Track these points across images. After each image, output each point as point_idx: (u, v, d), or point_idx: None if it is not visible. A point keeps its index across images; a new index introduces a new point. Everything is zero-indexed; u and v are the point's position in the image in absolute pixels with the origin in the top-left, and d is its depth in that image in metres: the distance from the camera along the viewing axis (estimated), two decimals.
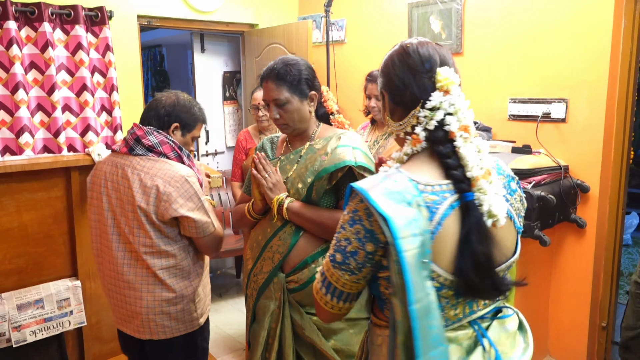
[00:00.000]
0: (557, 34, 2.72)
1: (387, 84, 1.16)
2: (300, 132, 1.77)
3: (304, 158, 1.74)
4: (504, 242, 1.09)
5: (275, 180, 1.71)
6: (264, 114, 2.97)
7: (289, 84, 1.69)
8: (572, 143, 2.70)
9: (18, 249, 2.59)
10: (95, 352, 2.94)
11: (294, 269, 1.70)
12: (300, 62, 1.75)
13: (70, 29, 3.11)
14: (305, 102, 1.72)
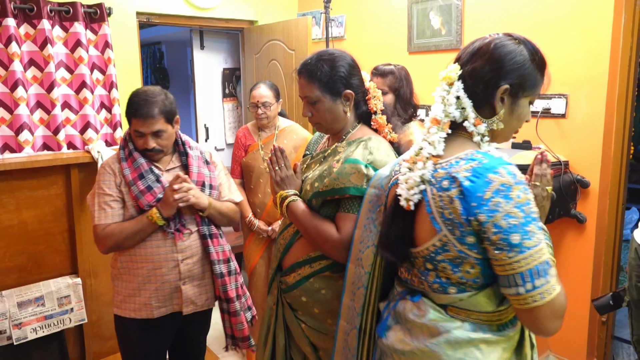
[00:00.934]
0: (557, 29, 2.71)
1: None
2: (334, 132, 1.65)
3: (326, 159, 1.63)
4: (417, 227, 1.18)
5: (285, 175, 1.63)
6: (262, 112, 2.96)
7: (319, 81, 1.56)
8: (572, 138, 2.70)
9: (18, 246, 2.59)
10: (96, 349, 2.94)
11: (286, 270, 1.68)
12: (337, 57, 1.60)
13: (69, 26, 3.10)
14: (339, 102, 1.58)
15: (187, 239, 1.98)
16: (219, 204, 2.05)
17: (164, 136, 1.92)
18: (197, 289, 2.03)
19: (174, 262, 1.96)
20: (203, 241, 2.01)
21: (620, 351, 3.10)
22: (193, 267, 2.00)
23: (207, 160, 2.10)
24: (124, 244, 1.92)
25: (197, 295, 2.03)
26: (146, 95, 1.88)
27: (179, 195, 1.87)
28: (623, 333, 3.26)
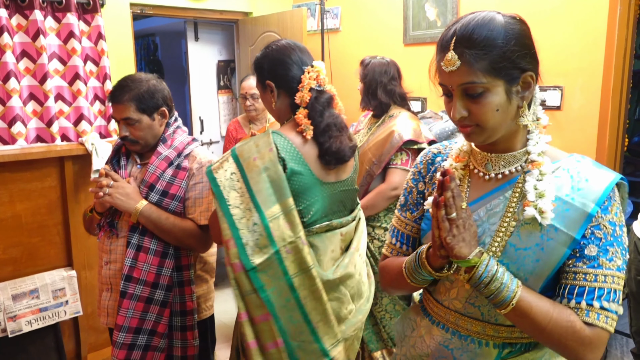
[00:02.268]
0: (553, 21, 2.71)
1: (536, 64, 1.02)
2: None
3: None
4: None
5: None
6: (251, 103, 2.95)
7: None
8: (567, 130, 2.71)
9: (12, 239, 2.58)
10: (91, 341, 2.94)
11: None
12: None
13: (62, 17, 3.07)
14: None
15: (114, 241, 1.83)
16: (160, 218, 1.75)
17: (137, 126, 1.77)
18: (117, 302, 1.79)
19: (101, 261, 1.87)
20: (126, 249, 1.77)
21: (614, 342, 3.12)
22: (115, 274, 1.81)
23: (180, 165, 1.82)
24: (84, 225, 1.98)
25: (115, 309, 1.80)
26: (125, 81, 1.80)
27: (91, 189, 1.76)
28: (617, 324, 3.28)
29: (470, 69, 0.96)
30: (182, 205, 1.82)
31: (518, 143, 1.06)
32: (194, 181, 1.83)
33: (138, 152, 1.90)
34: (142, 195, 1.78)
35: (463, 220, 1.00)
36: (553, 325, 0.95)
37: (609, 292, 0.96)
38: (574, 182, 1.01)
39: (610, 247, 0.97)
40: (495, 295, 0.97)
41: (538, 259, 0.99)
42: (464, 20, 1.00)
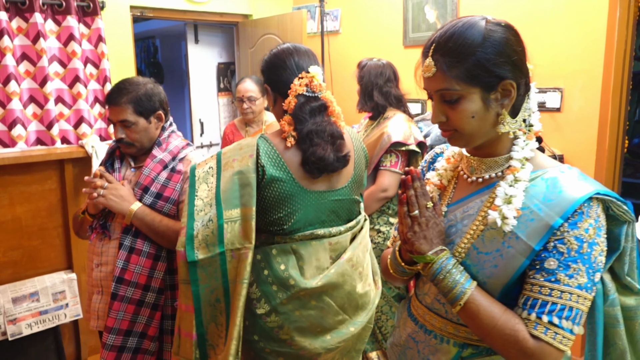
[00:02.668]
0: (552, 22, 2.71)
1: (518, 72, 1.00)
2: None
3: None
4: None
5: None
6: (248, 106, 2.95)
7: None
8: (567, 132, 2.71)
9: (12, 242, 2.58)
10: (91, 344, 2.94)
11: None
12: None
13: (62, 20, 3.07)
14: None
15: (106, 244, 1.82)
16: (154, 220, 1.74)
17: (133, 129, 1.79)
18: (108, 305, 1.78)
19: (92, 264, 1.86)
20: (118, 251, 1.76)
21: None
22: (107, 277, 1.80)
23: (174, 168, 1.83)
24: (73, 227, 1.96)
25: (106, 312, 1.80)
26: (122, 83, 1.81)
27: (85, 189, 1.75)
28: None
29: (445, 76, 0.98)
30: (176, 208, 1.82)
31: (503, 149, 1.06)
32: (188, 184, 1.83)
33: (132, 156, 1.90)
34: (136, 198, 1.78)
35: (426, 219, 1.04)
36: (497, 331, 0.96)
37: (562, 308, 0.93)
38: (547, 193, 0.98)
39: (573, 264, 0.94)
40: (447, 293, 1.00)
41: (496, 264, 0.99)
42: (446, 26, 1.01)
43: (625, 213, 1.01)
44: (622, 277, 1.06)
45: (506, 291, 1.00)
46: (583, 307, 0.94)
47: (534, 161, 1.04)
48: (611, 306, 1.05)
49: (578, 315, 0.94)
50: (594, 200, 0.97)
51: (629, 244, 1.04)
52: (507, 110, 1.00)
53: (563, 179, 0.99)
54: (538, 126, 1.06)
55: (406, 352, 1.20)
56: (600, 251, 0.96)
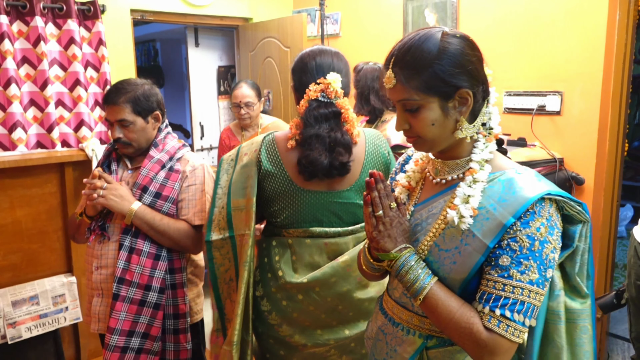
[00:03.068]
0: (553, 26, 2.71)
1: (474, 80, 1.05)
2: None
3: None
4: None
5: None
6: (245, 112, 2.96)
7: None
8: (567, 136, 2.71)
9: (12, 245, 2.57)
10: (91, 348, 2.94)
11: None
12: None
13: (63, 23, 3.08)
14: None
15: (105, 246, 1.81)
16: (154, 219, 1.76)
17: (131, 128, 1.80)
18: (109, 307, 1.78)
19: (91, 267, 1.85)
20: (118, 253, 1.76)
21: (615, 347, 3.11)
22: (107, 279, 1.80)
23: (172, 167, 1.85)
24: (69, 231, 1.98)
25: (107, 314, 1.80)
26: (121, 84, 1.83)
27: (84, 191, 1.75)
28: (618, 329, 3.27)
29: (404, 87, 1.04)
30: (175, 207, 1.84)
31: (464, 151, 1.11)
32: (187, 183, 1.87)
33: (129, 157, 1.91)
34: (136, 197, 1.79)
35: (390, 219, 1.11)
36: (454, 324, 1.01)
37: (514, 302, 0.98)
38: (503, 193, 1.04)
39: (525, 261, 0.99)
40: (409, 288, 1.06)
41: (455, 261, 1.05)
42: (404, 39, 1.07)
43: (580, 213, 1.07)
44: (572, 277, 1.12)
45: (465, 286, 1.05)
46: (535, 301, 0.99)
47: (493, 163, 1.10)
48: (555, 302, 1.10)
49: (530, 309, 0.99)
50: (547, 200, 1.02)
51: (582, 244, 1.10)
52: (465, 117, 1.06)
53: (518, 180, 1.04)
54: (497, 129, 1.13)
55: (377, 344, 1.26)
56: (553, 249, 1.01)
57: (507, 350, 0.99)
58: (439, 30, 1.05)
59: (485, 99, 1.10)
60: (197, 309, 1.98)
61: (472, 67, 1.04)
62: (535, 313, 1.00)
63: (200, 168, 1.90)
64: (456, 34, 1.05)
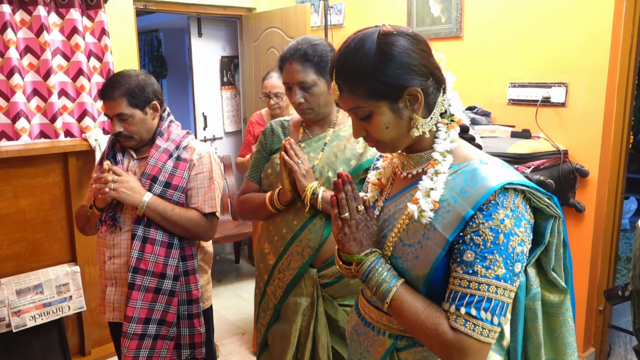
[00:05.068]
0: (558, 17, 2.69)
1: (421, 76, 1.01)
2: (322, 117, 1.66)
3: (329, 145, 1.64)
4: None
5: (308, 168, 1.59)
6: (275, 102, 2.95)
7: (316, 65, 1.56)
8: (572, 127, 2.69)
9: (16, 234, 2.59)
10: (95, 336, 2.96)
11: (327, 262, 1.61)
12: (323, 41, 1.63)
13: (65, 13, 3.07)
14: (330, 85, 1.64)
15: (117, 236, 1.83)
16: (166, 209, 1.79)
17: (130, 121, 1.80)
18: (124, 296, 1.83)
19: (103, 257, 1.87)
20: (131, 242, 1.79)
21: (617, 339, 3.12)
22: (120, 268, 1.83)
23: (179, 156, 1.87)
24: (78, 224, 1.98)
25: (122, 303, 1.84)
26: (114, 77, 1.83)
27: (96, 185, 1.76)
28: (620, 322, 3.28)
29: (350, 97, 1.02)
30: (185, 195, 1.86)
31: (427, 144, 1.09)
32: (195, 171, 1.88)
33: (133, 148, 1.92)
34: (145, 188, 1.80)
35: (356, 221, 1.08)
36: (419, 325, 0.98)
37: (480, 299, 0.93)
38: (464, 185, 1.00)
39: (489, 255, 0.94)
40: (376, 291, 1.04)
41: (417, 256, 1.02)
42: (342, 47, 1.05)
43: (550, 207, 1.02)
44: (548, 272, 1.08)
45: (431, 284, 1.02)
46: (504, 297, 0.95)
47: (458, 154, 1.06)
48: (532, 300, 1.07)
49: (498, 307, 0.94)
50: (511, 191, 0.97)
51: (555, 239, 1.06)
52: (418, 113, 1.03)
53: (482, 170, 1.00)
54: (459, 115, 1.08)
55: (352, 344, 1.25)
56: (520, 241, 0.96)
57: (477, 351, 0.94)
58: (375, 30, 1.02)
59: (441, 88, 1.06)
60: (207, 295, 2.01)
61: (417, 62, 1.00)
62: (504, 310, 0.95)
63: (206, 156, 1.91)
64: (392, 32, 1.01)
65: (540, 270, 1.09)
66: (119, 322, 1.86)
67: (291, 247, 1.64)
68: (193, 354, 1.92)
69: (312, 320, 1.62)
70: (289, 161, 1.57)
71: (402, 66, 0.99)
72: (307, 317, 1.63)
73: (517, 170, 1.13)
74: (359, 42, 1.01)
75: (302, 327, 1.64)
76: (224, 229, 4.16)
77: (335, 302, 1.63)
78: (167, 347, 1.86)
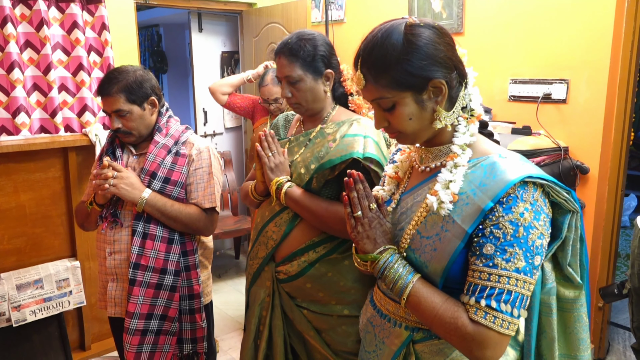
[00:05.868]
0: (559, 13, 2.68)
1: (446, 68, 1.02)
2: (313, 112, 1.65)
3: (312, 142, 1.63)
4: None
5: (279, 162, 1.60)
6: (275, 107, 2.98)
7: (302, 60, 1.56)
8: (573, 124, 2.69)
9: (16, 229, 2.59)
10: (95, 331, 2.96)
11: (284, 259, 1.63)
12: (317, 36, 1.61)
13: (66, 7, 3.06)
14: (320, 81, 1.60)
15: (118, 232, 1.83)
16: (166, 205, 1.79)
17: (129, 117, 1.81)
18: (125, 291, 1.83)
19: (104, 252, 1.87)
20: (132, 238, 1.79)
21: (616, 336, 3.12)
22: (121, 264, 1.83)
23: (178, 152, 1.87)
24: (78, 220, 1.97)
25: (123, 298, 1.85)
26: (112, 73, 1.82)
27: (95, 181, 1.75)
28: (619, 318, 3.28)
29: (375, 87, 1.03)
30: (184, 191, 1.86)
31: (447, 137, 1.10)
32: (194, 166, 1.88)
33: (132, 143, 1.92)
34: (144, 184, 1.80)
35: (369, 220, 1.09)
36: (438, 320, 0.99)
37: (500, 292, 0.94)
38: (484, 178, 1.00)
39: (510, 248, 0.95)
40: (392, 287, 1.05)
41: (435, 248, 1.02)
42: (368, 36, 1.06)
43: (569, 201, 1.02)
44: (564, 267, 1.08)
45: (448, 276, 1.02)
46: (524, 290, 0.95)
47: (477, 148, 1.07)
48: (547, 295, 1.07)
49: (518, 299, 0.95)
50: (530, 184, 0.98)
51: (572, 234, 1.06)
52: (441, 106, 1.04)
53: (502, 163, 1.01)
54: (479, 110, 1.09)
55: (366, 336, 1.25)
56: (540, 234, 0.97)
57: (497, 343, 0.95)
58: (402, 22, 1.03)
59: (463, 82, 1.07)
60: (207, 291, 2.01)
61: (442, 54, 1.01)
62: (524, 303, 0.96)
63: (205, 151, 1.91)
64: (419, 24, 1.02)
65: (556, 265, 1.10)
66: (120, 317, 1.87)
67: (260, 237, 1.67)
68: (195, 348, 1.93)
69: (269, 311, 1.65)
70: (260, 152, 1.59)
71: (428, 57, 1.00)
72: (265, 308, 1.67)
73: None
74: (386, 32, 1.02)
75: (260, 316, 1.68)
76: (224, 225, 4.17)
77: (293, 302, 1.63)
78: (170, 342, 1.87)
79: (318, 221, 1.55)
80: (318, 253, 1.58)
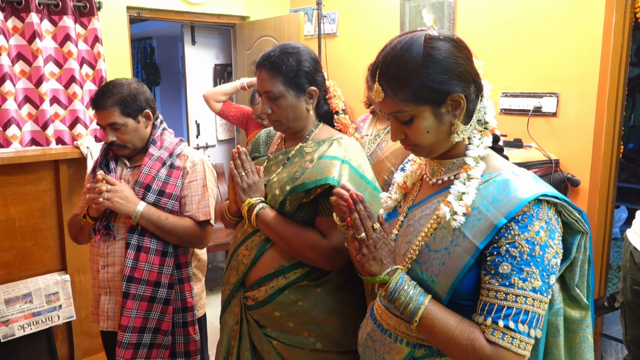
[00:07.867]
0: (549, 28, 2.72)
1: (464, 82, 1.02)
2: (294, 131, 1.54)
3: (291, 161, 1.52)
4: None
5: (252, 182, 1.49)
6: (268, 123, 2.98)
7: (284, 75, 1.45)
8: (563, 137, 2.71)
9: (5, 242, 2.56)
10: (84, 346, 2.92)
11: (252, 284, 1.51)
12: (302, 50, 1.50)
13: (58, 20, 3.06)
14: (303, 99, 1.49)
15: (111, 244, 1.82)
16: (160, 218, 1.77)
17: (123, 130, 1.80)
18: (118, 305, 1.81)
19: (97, 265, 1.86)
20: (125, 251, 1.78)
21: (609, 348, 3.12)
22: (114, 277, 1.81)
23: (173, 164, 1.85)
24: (71, 233, 1.96)
25: (116, 312, 1.82)
26: (106, 86, 1.83)
27: (89, 195, 1.74)
28: (611, 331, 3.29)
29: (394, 100, 1.02)
30: (179, 203, 1.86)
31: (460, 150, 1.09)
32: (189, 179, 1.87)
33: (126, 156, 1.91)
34: (139, 197, 1.79)
35: (374, 241, 1.05)
36: (454, 342, 0.96)
37: (518, 312, 0.93)
38: (497, 194, 0.99)
39: (526, 267, 0.94)
40: (403, 310, 1.02)
41: (444, 262, 1.01)
42: (386, 49, 1.05)
43: (579, 222, 1.01)
44: (572, 288, 1.07)
45: (456, 292, 1.00)
46: (539, 310, 0.94)
47: (490, 163, 1.07)
48: (554, 315, 1.06)
49: (535, 319, 0.94)
50: (544, 203, 0.97)
51: (581, 256, 1.05)
52: (459, 120, 1.03)
53: (514, 181, 1.00)
54: (493, 123, 1.09)
55: (366, 351, 1.23)
56: (555, 253, 0.97)
57: None
58: (422, 34, 1.02)
59: (479, 95, 1.06)
60: (201, 304, 2.00)
61: (462, 69, 1.00)
62: (540, 323, 0.95)
63: (200, 163, 1.91)
64: (439, 37, 1.01)
65: (564, 285, 1.08)
66: (113, 331, 1.85)
67: (232, 261, 1.57)
68: None
69: (237, 340, 1.55)
70: (232, 171, 1.50)
71: (448, 71, 0.99)
72: (233, 337, 1.57)
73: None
74: (406, 44, 1.01)
75: (229, 346, 1.58)
76: (216, 237, 4.14)
77: (262, 331, 1.50)
78: (162, 355, 1.85)
79: (288, 247, 1.44)
80: (287, 279, 1.45)
